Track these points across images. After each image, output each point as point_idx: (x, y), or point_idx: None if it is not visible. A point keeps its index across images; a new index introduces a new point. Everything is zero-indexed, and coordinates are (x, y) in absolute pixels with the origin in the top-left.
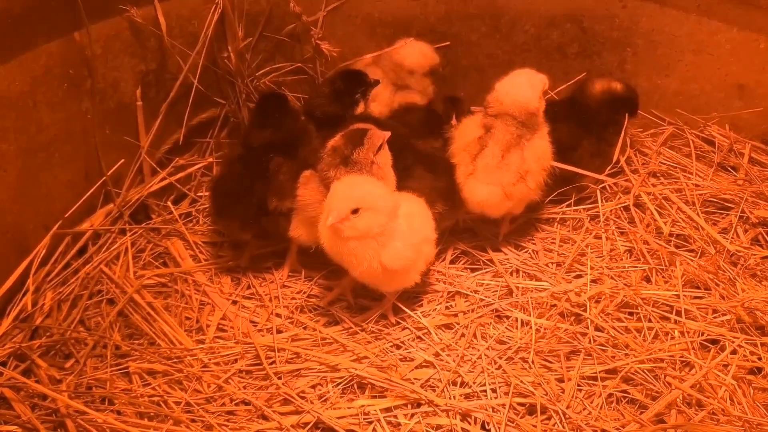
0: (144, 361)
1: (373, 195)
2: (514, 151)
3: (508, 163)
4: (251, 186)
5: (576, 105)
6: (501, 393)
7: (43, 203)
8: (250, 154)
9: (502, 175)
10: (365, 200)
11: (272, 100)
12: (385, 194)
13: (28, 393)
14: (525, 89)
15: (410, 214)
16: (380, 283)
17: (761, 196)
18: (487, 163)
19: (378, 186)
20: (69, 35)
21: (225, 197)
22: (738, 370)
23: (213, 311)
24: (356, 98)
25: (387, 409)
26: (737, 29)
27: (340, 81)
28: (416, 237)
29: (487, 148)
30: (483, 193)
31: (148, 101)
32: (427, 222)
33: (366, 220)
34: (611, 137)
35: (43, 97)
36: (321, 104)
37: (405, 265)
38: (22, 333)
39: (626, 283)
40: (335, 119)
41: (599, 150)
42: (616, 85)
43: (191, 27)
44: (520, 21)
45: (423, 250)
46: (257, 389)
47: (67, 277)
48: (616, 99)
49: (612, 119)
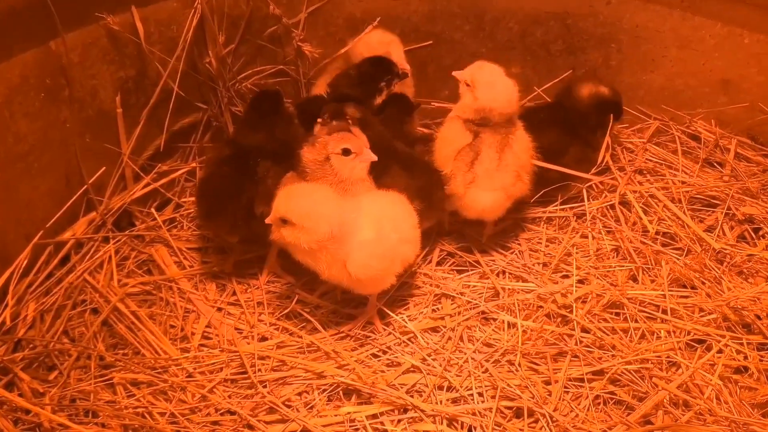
0: (128, 372)
1: (301, 212)
2: (507, 150)
3: (507, 163)
4: (240, 187)
5: (563, 110)
6: (488, 397)
7: (23, 213)
8: (239, 154)
9: (503, 177)
10: (293, 215)
11: (267, 99)
12: (318, 214)
13: (11, 407)
14: (509, 88)
15: (381, 218)
16: (353, 287)
17: (747, 193)
18: (487, 168)
19: (317, 202)
20: (45, 44)
21: (213, 199)
22: (724, 370)
23: (198, 319)
24: (380, 86)
25: (373, 415)
26: (721, 24)
27: (368, 65)
28: (386, 243)
29: (483, 153)
30: (487, 201)
31: (129, 108)
32: (406, 222)
33: (293, 234)
34: (598, 141)
35: (20, 107)
36: (344, 85)
37: (373, 274)
38: (4, 345)
39: (612, 282)
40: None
41: (586, 155)
42: (603, 90)
43: (170, 32)
44: (503, 19)
45: (399, 253)
46: (242, 398)
47: (50, 287)
48: (604, 103)
49: (600, 123)
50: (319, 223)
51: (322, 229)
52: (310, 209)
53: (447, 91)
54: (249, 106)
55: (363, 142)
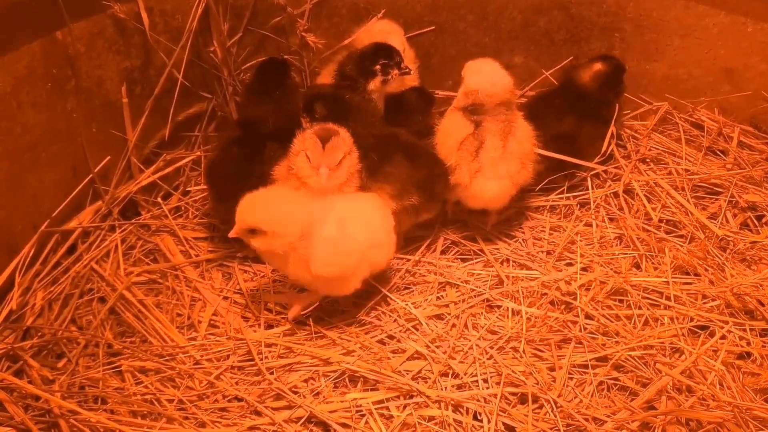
0: (136, 359)
1: (270, 219)
2: (511, 138)
3: (511, 151)
4: (250, 169)
5: (570, 91)
6: (492, 383)
7: (31, 203)
8: (247, 135)
9: (509, 165)
10: (262, 223)
11: (272, 67)
12: (286, 216)
13: (21, 394)
14: (502, 75)
15: (349, 218)
16: (319, 287)
17: (750, 180)
18: (492, 157)
19: (283, 206)
20: (51, 34)
21: (224, 181)
22: (727, 356)
23: (204, 307)
24: (374, 69)
25: (379, 401)
26: (725, 13)
27: (370, 47)
28: (350, 243)
29: (487, 141)
30: (494, 189)
31: (134, 98)
32: (379, 225)
33: (264, 242)
34: (609, 114)
35: (27, 98)
36: (344, 64)
37: (336, 272)
38: (13, 333)
39: (616, 270)
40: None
41: (599, 132)
42: (599, 66)
43: (175, 22)
44: (507, 8)
45: (366, 255)
46: (249, 385)
47: (58, 276)
48: (608, 75)
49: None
50: (289, 226)
51: (293, 231)
52: (278, 214)
53: (451, 81)
54: (255, 73)
55: (328, 160)
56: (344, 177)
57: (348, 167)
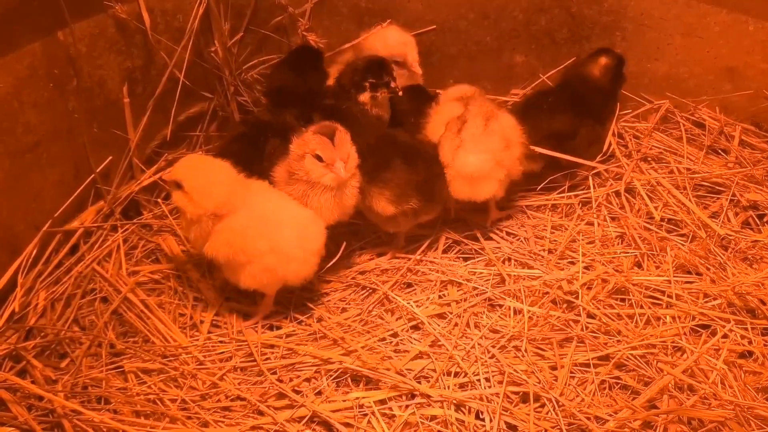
0: (139, 360)
1: (194, 183)
2: (493, 120)
3: (493, 129)
4: (252, 166)
5: (568, 91)
6: (495, 382)
7: (33, 204)
8: (249, 134)
9: (490, 141)
10: (186, 182)
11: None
12: (207, 190)
13: (25, 394)
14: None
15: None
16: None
17: (752, 179)
18: (473, 133)
19: (211, 179)
20: (53, 35)
21: None
22: (729, 354)
23: (207, 308)
24: (363, 85)
25: (381, 401)
26: (726, 11)
27: (362, 61)
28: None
29: (469, 120)
30: (475, 162)
31: (136, 98)
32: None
33: (181, 200)
34: (608, 117)
35: (29, 98)
36: (343, 73)
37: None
38: (16, 334)
39: (618, 269)
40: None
41: (597, 135)
42: (604, 60)
43: (176, 22)
44: (508, 7)
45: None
46: (252, 385)
47: (60, 276)
48: (615, 68)
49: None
50: (205, 199)
51: (205, 205)
52: (202, 183)
53: (452, 79)
54: (290, 53)
55: (340, 153)
56: (353, 169)
57: (354, 159)
